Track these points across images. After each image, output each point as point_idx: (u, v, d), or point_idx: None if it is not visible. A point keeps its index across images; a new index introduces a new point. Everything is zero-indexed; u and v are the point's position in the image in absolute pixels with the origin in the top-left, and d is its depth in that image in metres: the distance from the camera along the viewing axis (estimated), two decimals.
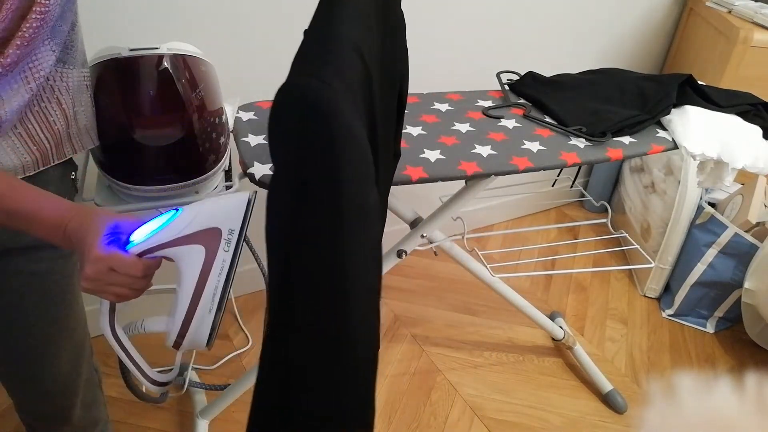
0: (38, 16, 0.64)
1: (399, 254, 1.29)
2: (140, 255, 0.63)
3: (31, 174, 0.74)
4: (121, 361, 0.74)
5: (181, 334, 0.67)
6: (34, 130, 0.72)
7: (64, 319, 0.87)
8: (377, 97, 0.62)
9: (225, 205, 0.66)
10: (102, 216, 0.63)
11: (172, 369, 0.76)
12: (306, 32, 0.55)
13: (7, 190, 0.63)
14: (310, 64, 0.53)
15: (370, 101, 0.60)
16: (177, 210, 0.65)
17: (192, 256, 0.64)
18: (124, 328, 0.71)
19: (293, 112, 0.50)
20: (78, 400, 0.95)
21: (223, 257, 0.65)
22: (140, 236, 0.64)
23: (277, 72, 1.66)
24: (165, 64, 0.85)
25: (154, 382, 0.72)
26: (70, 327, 0.89)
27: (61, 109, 0.74)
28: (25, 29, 0.63)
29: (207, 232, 0.64)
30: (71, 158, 0.84)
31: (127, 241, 0.63)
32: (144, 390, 0.93)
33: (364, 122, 0.55)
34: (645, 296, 2.05)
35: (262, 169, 0.94)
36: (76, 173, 0.86)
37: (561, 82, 1.37)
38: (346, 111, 0.50)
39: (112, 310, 0.69)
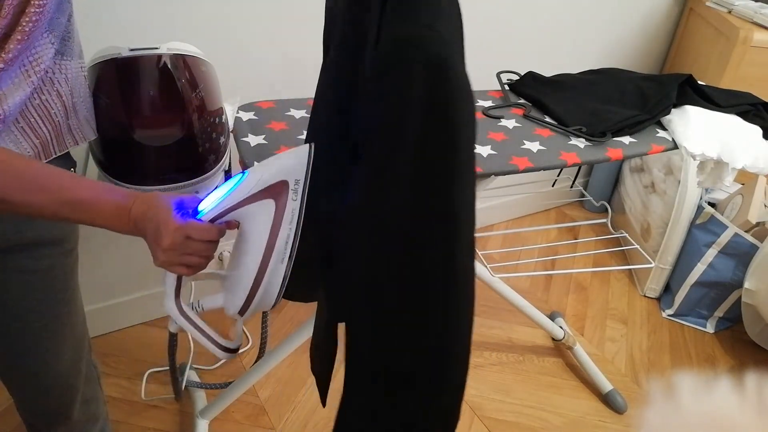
0: (37, 10, 0.64)
1: None
2: (211, 222, 0.67)
3: None
4: (170, 354, 0.76)
5: (251, 296, 0.71)
6: (36, 122, 0.72)
7: (65, 316, 0.87)
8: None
9: (288, 158, 0.69)
10: (165, 196, 0.66)
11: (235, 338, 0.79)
12: None
13: (68, 181, 0.64)
14: (420, 11, 0.54)
15: (462, 47, 0.62)
16: (243, 173, 0.69)
17: (262, 212, 0.68)
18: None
19: (411, 64, 0.52)
20: (78, 397, 0.95)
21: (293, 206, 0.69)
22: (210, 203, 0.67)
23: (278, 72, 1.67)
24: (165, 64, 0.85)
25: (226, 350, 0.76)
26: (71, 323, 0.89)
27: (61, 101, 0.74)
28: (24, 23, 0.64)
29: (275, 186, 0.68)
30: (69, 154, 0.84)
31: (196, 212, 0.67)
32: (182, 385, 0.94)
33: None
34: (645, 296, 2.05)
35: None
36: (74, 170, 0.86)
37: (561, 82, 1.37)
38: (459, 63, 0.54)
39: (177, 289, 0.72)
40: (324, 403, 0.85)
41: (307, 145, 0.70)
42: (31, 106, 0.71)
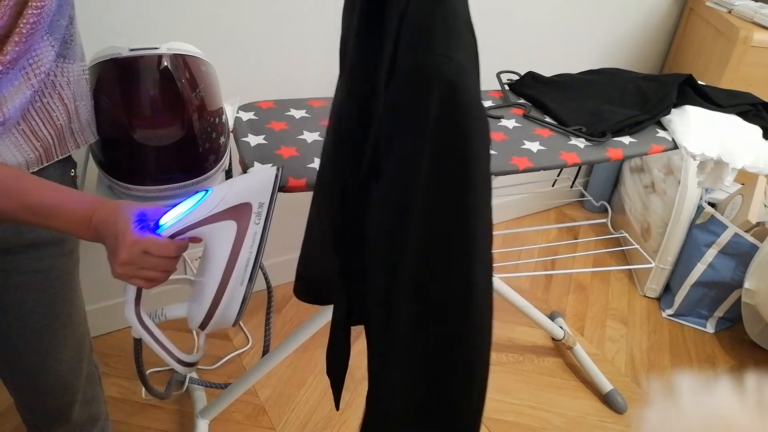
0: (35, 12, 0.63)
1: None
2: (171, 237, 0.66)
3: (34, 170, 0.74)
4: (136, 359, 0.76)
5: (211, 312, 0.70)
6: (37, 126, 0.72)
7: (66, 316, 0.87)
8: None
9: (254, 180, 0.69)
10: (128, 206, 0.65)
11: (196, 351, 0.78)
12: (414, 3, 0.56)
13: (31, 185, 0.64)
14: (439, 41, 0.55)
15: (478, 75, 0.63)
16: (207, 191, 0.68)
17: (223, 232, 0.67)
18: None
19: (430, 92, 0.53)
20: (79, 397, 0.95)
21: (255, 229, 0.68)
22: (171, 219, 0.66)
23: (278, 72, 1.67)
24: (165, 64, 0.85)
25: (184, 363, 0.76)
26: (71, 323, 0.89)
27: (63, 104, 0.74)
28: (22, 25, 0.63)
29: (238, 207, 0.67)
30: (70, 155, 0.84)
31: (157, 226, 0.66)
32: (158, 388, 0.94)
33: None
34: (645, 296, 2.05)
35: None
36: (75, 170, 0.86)
37: (561, 82, 1.37)
38: (474, 89, 0.54)
39: (137, 299, 0.71)
40: (337, 406, 0.85)
41: (275, 168, 0.69)
42: (32, 109, 0.71)
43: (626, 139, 1.16)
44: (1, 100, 0.66)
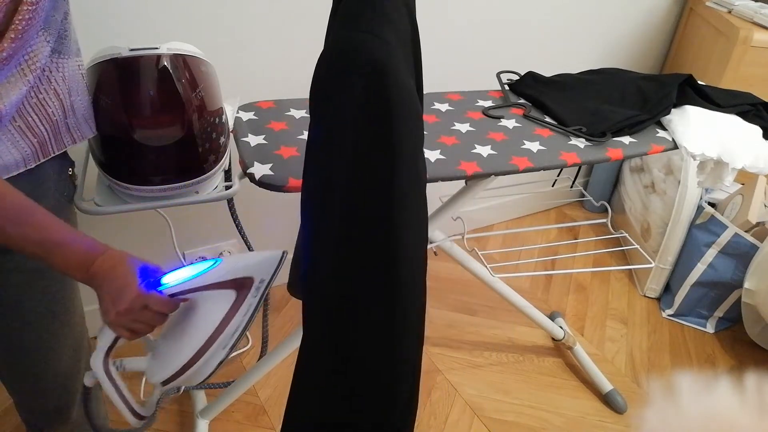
0: (29, 8, 0.64)
1: None
2: (171, 296, 0.69)
3: (31, 167, 0.74)
4: (86, 413, 0.79)
5: (182, 370, 0.72)
6: (33, 121, 0.72)
7: (64, 315, 0.87)
8: (420, 60, 0.63)
9: (261, 257, 0.72)
10: (132, 259, 0.68)
11: (147, 403, 0.80)
12: None
13: (38, 218, 0.65)
14: (365, 18, 0.53)
15: (415, 62, 0.61)
16: (216, 261, 0.71)
17: (220, 299, 0.70)
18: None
19: (350, 69, 0.51)
20: (78, 396, 0.95)
21: (251, 301, 0.71)
22: (175, 279, 0.69)
23: (278, 72, 1.67)
24: (165, 64, 0.85)
25: (139, 417, 0.77)
26: (70, 322, 0.89)
27: (58, 99, 0.74)
28: (17, 22, 0.63)
29: (241, 279, 0.71)
30: (67, 154, 0.84)
31: (158, 283, 0.69)
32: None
33: (413, 82, 0.57)
34: (645, 296, 2.05)
35: (262, 169, 0.94)
36: (73, 169, 0.86)
37: (561, 82, 1.37)
38: (401, 69, 0.51)
39: (110, 348, 0.73)
40: None
41: (281, 251, 0.72)
42: (28, 105, 0.71)
43: (626, 139, 1.16)
44: None
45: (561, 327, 1.71)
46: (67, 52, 0.74)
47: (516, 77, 1.42)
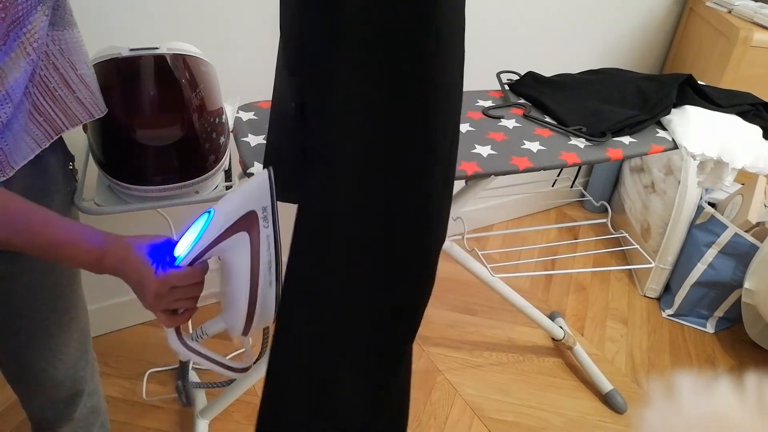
0: None
1: None
2: (190, 264, 0.68)
3: (45, 146, 0.73)
4: (182, 375, 0.77)
5: (249, 318, 0.71)
6: (38, 100, 0.70)
7: (72, 308, 0.88)
8: None
9: (250, 188, 0.69)
10: (138, 246, 0.66)
11: (244, 354, 0.81)
12: None
13: (34, 220, 0.64)
14: None
15: None
16: (209, 212, 0.69)
17: (238, 244, 0.68)
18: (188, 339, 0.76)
19: None
20: (85, 388, 0.96)
21: (266, 233, 0.69)
22: (184, 248, 0.68)
23: None
24: (165, 64, 0.85)
25: (238, 370, 0.79)
26: (77, 316, 0.90)
27: (59, 74, 0.72)
28: None
29: (243, 218, 0.68)
30: (66, 148, 0.83)
31: (173, 258, 0.67)
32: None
33: None
34: (645, 296, 2.05)
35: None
36: (73, 164, 0.86)
37: (561, 82, 1.37)
38: None
39: (177, 328, 0.73)
40: None
41: (266, 170, 0.70)
42: (31, 83, 0.69)
43: (626, 139, 1.16)
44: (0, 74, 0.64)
45: (561, 327, 1.71)
46: (61, 24, 0.71)
47: (516, 77, 1.42)
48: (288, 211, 0.66)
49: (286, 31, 0.60)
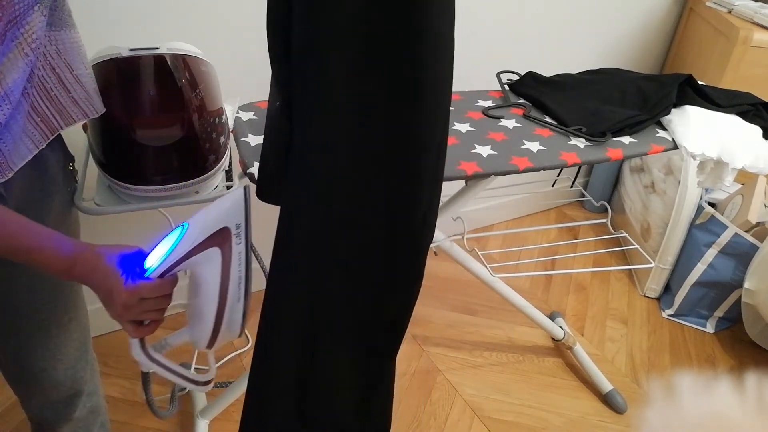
0: None
1: None
2: (160, 276, 0.68)
3: (42, 147, 0.73)
4: (144, 384, 0.78)
5: (215, 332, 0.72)
6: (35, 100, 0.70)
7: (72, 309, 0.88)
8: None
9: (224, 204, 0.70)
10: (109, 255, 0.66)
11: (208, 369, 0.82)
12: None
13: (9, 229, 0.64)
14: None
15: None
16: (183, 226, 0.69)
17: (209, 259, 0.69)
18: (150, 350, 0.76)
19: None
20: (85, 388, 0.96)
21: (238, 249, 0.70)
22: (156, 260, 0.68)
23: None
24: (165, 64, 0.85)
25: (204, 383, 0.80)
26: (77, 316, 0.90)
27: (55, 74, 0.72)
28: None
29: (217, 234, 0.68)
30: (66, 148, 0.83)
31: (143, 270, 0.68)
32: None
33: None
34: (645, 296, 2.05)
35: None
36: (73, 164, 0.86)
37: (561, 82, 1.37)
38: None
39: (142, 339, 0.74)
40: None
41: (242, 187, 0.71)
42: (30, 85, 0.69)
43: (626, 139, 1.16)
44: None
45: (561, 327, 1.71)
46: (59, 25, 0.71)
47: (516, 77, 1.42)
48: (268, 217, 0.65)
49: (270, 26, 0.60)
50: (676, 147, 1.17)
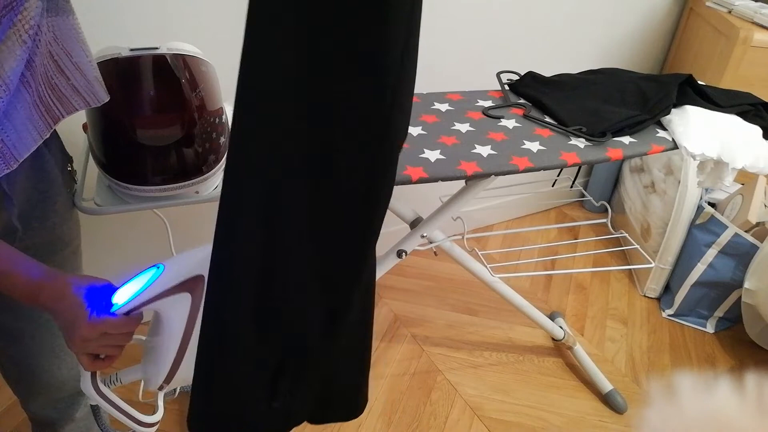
0: None
1: (399, 254, 1.29)
2: (126, 313, 0.67)
3: (46, 137, 0.72)
4: (95, 416, 0.79)
5: (171, 374, 0.71)
6: (40, 89, 0.69)
7: None
8: None
9: (203, 253, 0.67)
10: (76, 286, 0.65)
11: (156, 411, 0.79)
12: None
13: None
14: None
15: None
16: (158, 267, 0.68)
17: (178, 305, 0.68)
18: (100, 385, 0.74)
19: None
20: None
21: None
22: (125, 297, 0.66)
23: None
24: (165, 64, 0.85)
25: (145, 425, 0.77)
26: None
27: (53, 61, 0.70)
28: None
29: (191, 280, 0.67)
30: (65, 150, 0.83)
31: (110, 305, 0.66)
32: None
33: None
34: (645, 296, 2.05)
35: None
36: (72, 165, 0.86)
37: (561, 82, 1.37)
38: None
39: (94, 372, 0.72)
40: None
41: None
42: (33, 73, 0.67)
43: (626, 139, 1.16)
44: None
45: (561, 327, 1.71)
46: (55, 10, 0.69)
47: (516, 77, 1.42)
48: None
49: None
50: (676, 147, 1.17)
